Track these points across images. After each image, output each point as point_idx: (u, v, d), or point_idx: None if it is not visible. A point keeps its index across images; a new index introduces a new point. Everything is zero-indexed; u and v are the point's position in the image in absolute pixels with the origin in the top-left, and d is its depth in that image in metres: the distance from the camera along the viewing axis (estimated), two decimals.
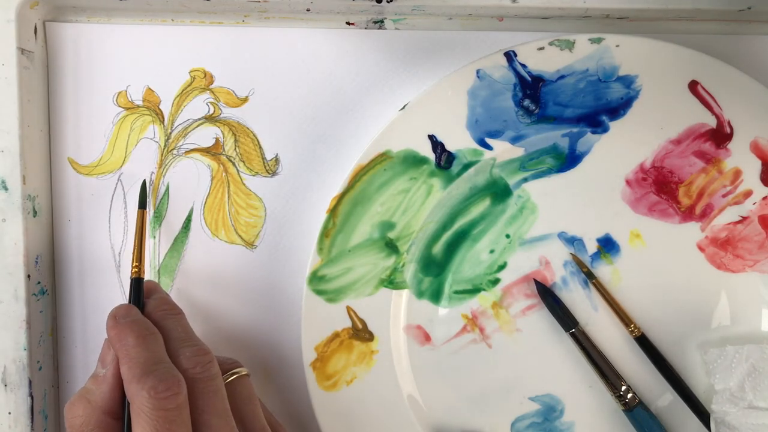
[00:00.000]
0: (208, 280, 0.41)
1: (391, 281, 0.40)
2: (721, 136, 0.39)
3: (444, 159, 0.39)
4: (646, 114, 0.39)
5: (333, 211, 0.39)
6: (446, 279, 0.40)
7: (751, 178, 0.39)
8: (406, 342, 0.40)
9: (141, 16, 0.41)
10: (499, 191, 0.40)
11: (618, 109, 0.39)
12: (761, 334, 0.39)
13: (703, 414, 0.38)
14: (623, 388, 0.39)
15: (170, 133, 0.41)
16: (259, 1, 0.39)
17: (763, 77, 0.39)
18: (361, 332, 0.39)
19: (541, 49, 0.38)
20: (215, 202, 0.41)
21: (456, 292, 0.40)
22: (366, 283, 0.39)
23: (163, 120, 0.41)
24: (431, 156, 0.39)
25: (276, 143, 0.41)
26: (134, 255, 0.37)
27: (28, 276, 0.39)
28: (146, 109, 0.41)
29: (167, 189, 0.41)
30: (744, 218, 0.39)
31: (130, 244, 0.41)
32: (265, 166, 0.41)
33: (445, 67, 0.41)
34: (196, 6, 0.40)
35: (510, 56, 0.38)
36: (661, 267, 0.40)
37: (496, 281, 0.40)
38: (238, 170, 0.41)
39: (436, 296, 0.40)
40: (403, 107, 0.39)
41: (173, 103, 0.41)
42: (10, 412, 0.39)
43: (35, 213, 0.40)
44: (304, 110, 0.41)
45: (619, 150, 0.39)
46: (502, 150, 0.39)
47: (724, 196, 0.39)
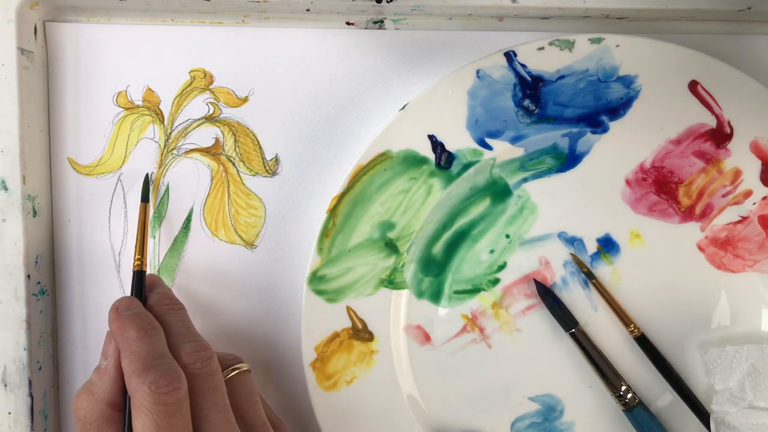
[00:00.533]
0: (208, 280, 0.41)
1: (391, 281, 0.40)
2: (721, 136, 0.39)
3: (444, 159, 0.39)
4: (646, 114, 0.39)
5: (333, 211, 0.39)
6: (446, 279, 0.40)
7: (751, 178, 0.39)
8: (406, 342, 0.40)
9: (141, 16, 0.41)
10: (499, 191, 0.40)
11: (618, 109, 0.39)
12: (761, 334, 0.39)
13: (703, 414, 0.39)
14: (623, 388, 0.39)
15: (170, 133, 0.41)
16: (259, 1, 0.39)
17: (763, 77, 0.39)
18: (361, 332, 0.39)
19: (541, 49, 0.38)
20: (215, 202, 0.41)
21: (456, 292, 0.40)
22: (366, 283, 0.39)
23: (163, 120, 0.41)
24: (431, 156, 0.39)
25: (276, 143, 0.41)
26: (137, 248, 0.38)
27: (28, 276, 0.39)
28: (146, 109, 0.41)
29: (167, 189, 0.41)
30: (744, 218, 0.39)
31: (130, 244, 0.41)
32: (265, 166, 0.41)
33: (445, 67, 0.41)
34: (196, 6, 0.40)
35: (510, 56, 0.38)
36: (661, 267, 0.40)
37: (496, 281, 0.40)
38: (238, 170, 0.41)
39: (436, 296, 0.40)
40: (403, 107, 0.39)
41: (173, 103, 0.41)
42: (10, 412, 0.39)
43: (35, 213, 0.40)
44: (304, 110, 0.41)
45: (619, 150, 0.39)
46: (502, 150, 0.39)
47: (724, 196, 0.39)
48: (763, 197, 0.39)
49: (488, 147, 0.39)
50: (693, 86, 0.38)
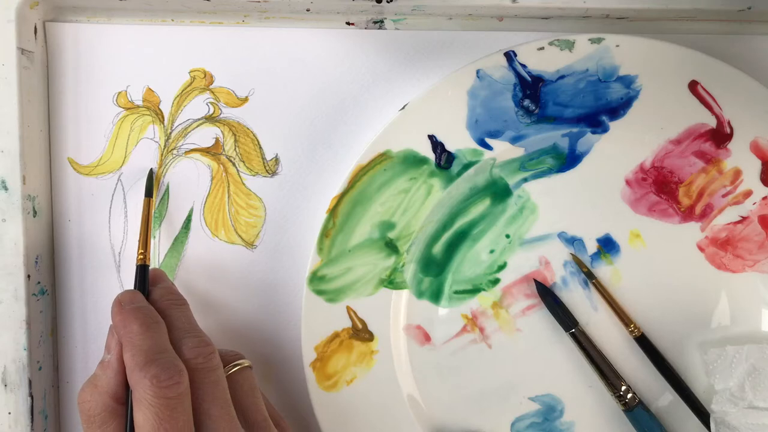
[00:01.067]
0: (208, 280, 0.41)
1: (391, 281, 0.40)
2: (721, 136, 0.39)
3: (444, 159, 0.39)
4: (646, 114, 0.39)
5: (333, 211, 0.39)
6: (446, 279, 0.40)
7: (751, 178, 0.39)
8: (406, 342, 0.40)
9: (141, 16, 0.41)
10: (499, 191, 0.40)
11: (618, 109, 0.39)
12: (761, 334, 0.39)
13: (703, 414, 0.38)
14: (623, 388, 0.39)
15: (170, 133, 0.41)
16: (259, 1, 0.39)
17: (763, 77, 0.39)
18: (361, 332, 0.39)
19: (541, 49, 0.38)
20: (215, 202, 0.41)
21: (456, 292, 0.40)
22: (366, 283, 0.39)
23: (163, 120, 0.41)
24: (431, 156, 0.39)
25: (276, 143, 0.41)
26: (140, 242, 0.38)
27: (28, 276, 0.39)
28: (146, 109, 0.41)
29: (167, 189, 0.41)
30: (744, 218, 0.39)
31: (131, 244, 0.41)
32: (265, 166, 0.41)
33: (445, 67, 0.41)
34: (196, 6, 0.40)
35: (510, 56, 0.38)
36: (661, 267, 0.40)
37: (496, 281, 0.40)
38: (238, 170, 0.41)
39: (436, 296, 0.40)
40: (403, 107, 0.39)
41: (173, 103, 0.41)
42: (10, 412, 0.39)
43: (35, 213, 0.40)
44: (304, 110, 0.41)
45: (619, 150, 0.39)
46: (502, 150, 0.39)
47: (724, 196, 0.39)
48: (763, 197, 0.39)
49: (488, 147, 0.39)
50: (693, 86, 0.38)
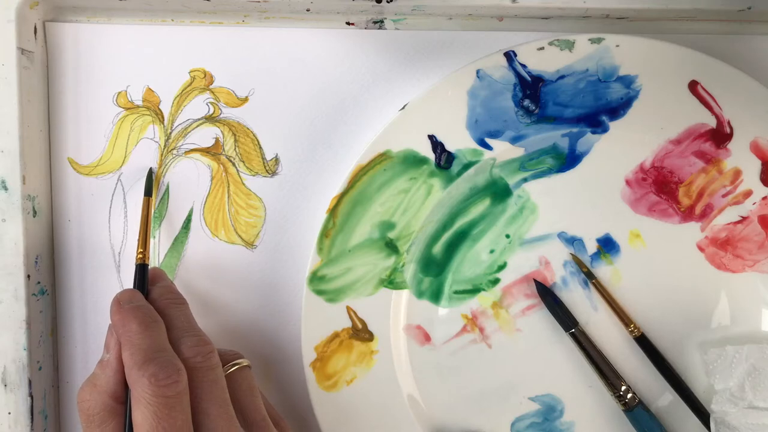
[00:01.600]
0: (207, 280, 0.41)
1: (391, 281, 0.40)
2: (721, 136, 0.39)
3: (444, 159, 0.39)
4: (646, 114, 0.39)
5: (333, 211, 0.39)
6: (446, 279, 0.40)
7: (751, 178, 0.39)
8: (406, 342, 0.40)
9: (141, 16, 0.41)
10: (499, 191, 0.40)
11: (618, 109, 0.39)
12: (761, 334, 0.39)
13: (703, 414, 0.39)
14: (623, 388, 0.39)
15: (170, 133, 0.41)
16: (259, 1, 0.39)
17: (763, 77, 0.39)
18: (361, 332, 0.39)
19: (541, 49, 0.38)
20: (215, 202, 0.41)
21: (456, 292, 0.40)
22: (366, 283, 0.39)
23: (163, 120, 0.41)
24: (431, 156, 0.39)
25: (276, 143, 0.41)
26: (139, 241, 0.38)
27: (28, 276, 0.39)
28: (146, 109, 0.41)
29: (167, 189, 0.41)
30: (744, 218, 0.39)
31: (130, 244, 0.41)
32: (265, 166, 0.41)
33: (445, 67, 0.41)
34: (196, 6, 0.40)
35: (510, 56, 0.38)
36: (661, 267, 0.40)
37: (496, 281, 0.40)
38: (238, 170, 0.41)
39: (436, 296, 0.40)
40: (403, 107, 0.39)
41: (173, 103, 0.41)
42: (10, 412, 0.39)
43: (35, 213, 0.40)
44: (304, 110, 0.41)
45: (619, 150, 0.39)
46: (502, 150, 0.39)
47: (724, 196, 0.39)
48: (763, 197, 0.39)
49: (488, 147, 0.39)
50: (693, 86, 0.38)
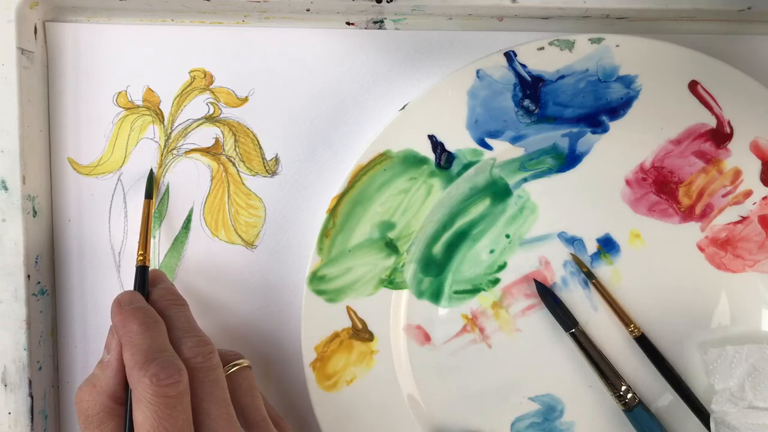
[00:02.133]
0: (207, 280, 0.41)
1: (391, 281, 0.40)
2: (721, 136, 0.39)
3: (444, 159, 0.39)
4: (646, 114, 0.39)
5: (333, 211, 0.39)
6: (446, 279, 0.40)
7: (751, 178, 0.39)
8: (406, 342, 0.40)
9: (141, 16, 0.41)
10: (499, 191, 0.40)
11: (618, 109, 0.39)
12: (761, 334, 0.39)
13: (703, 414, 0.39)
14: (623, 388, 0.39)
15: (170, 133, 0.41)
16: (259, 1, 0.39)
17: (763, 77, 0.39)
18: (361, 332, 0.39)
19: (541, 49, 0.38)
20: (215, 202, 0.41)
21: (456, 292, 0.40)
22: (366, 283, 0.39)
23: (163, 120, 0.41)
24: (431, 156, 0.39)
25: (276, 143, 0.41)
26: (140, 243, 0.38)
27: (28, 276, 0.39)
28: (146, 109, 0.41)
29: (167, 189, 0.41)
30: (744, 218, 0.39)
31: (130, 244, 0.41)
32: (265, 166, 0.41)
33: (445, 67, 0.41)
34: (196, 6, 0.40)
35: (510, 56, 0.38)
36: (661, 267, 0.40)
37: (496, 281, 0.40)
38: (238, 170, 0.41)
39: (436, 296, 0.40)
40: (403, 107, 0.39)
41: (173, 103, 0.41)
42: (10, 412, 0.39)
43: (35, 213, 0.40)
44: (304, 110, 0.41)
45: (619, 150, 0.39)
46: (502, 150, 0.39)
47: (724, 196, 0.39)
48: (763, 197, 0.39)
49: (488, 147, 0.39)
50: (693, 86, 0.38)
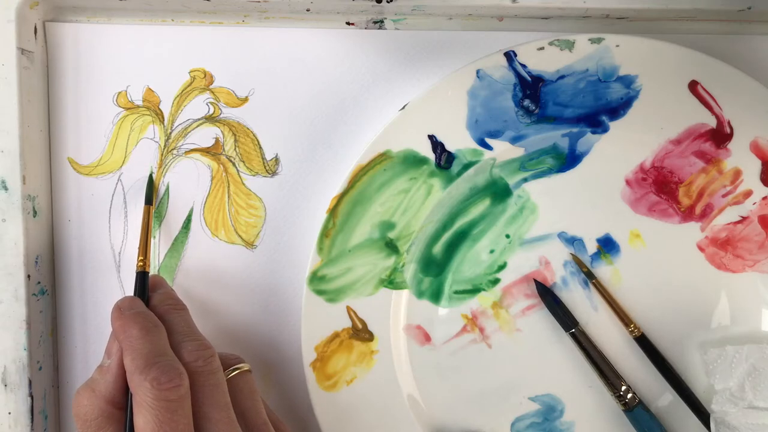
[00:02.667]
0: (207, 280, 0.41)
1: (391, 281, 0.40)
2: (721, 136, 0.39)
3: (444, 159, 0.39)
4: (646, 114, 0.39)
5: (333, 211, 0.39)
6: (446, 279, 0.40)
7: (751, 178, 0.39)
8: (406, 342, 0.40)
9: (141, 16, 0.41)
10: (499, 191, 0.40)
11: (618, 109, 0.39)
12: (761, 334, 0.39)
13: (703, 414, 0.39)
14: (623, 388, 0.39)
15: (170, 133, 0.41)
16: (259, 1, 0.39)
17: (763, 77, 0.39)
18: (361, 332, 0.39)
19: (541, 49, 0.38)
20: (215, 202, 0.41)
21: (456, 292, 0.40)
22: (366, 283, 0.39)
23: (163, 120, 0.41)
24: (431, 156, 0.39)
25: (276, 143, 0.41)
26: (140, 249, 0.38)
27: (28, 276, 0.39)
28: (146, 109, 0.41)
29: (167, 189, 0.41)
30: (744, 218, 0.39)
31: (131, 244, 0.41)
32: (265, 166, 0.41)
33: (445, 67, 0.41)
34: (196, 6, 0.40)
35: (510, 56, 0.38)
36: (661, 267, 0.40)
37: (496, 281, 0.40)
38: (238, 170, 0.41)
39: (436, 296, 0.40)
40: (403, 107, 0.39)
41: (173, 103, 0.41)
42: (10, 412, 0.39)
43: (35, 213, 0.40)
44: (304, 110, 0.41)
45: (619, 150, 0.39)
46: (502, 150, 0.39)
47: (724, 196, 0.39)
48: (763, 197, 0.39)
49: (488, 147, 0.39)
50: (693, 86, 0.38)
